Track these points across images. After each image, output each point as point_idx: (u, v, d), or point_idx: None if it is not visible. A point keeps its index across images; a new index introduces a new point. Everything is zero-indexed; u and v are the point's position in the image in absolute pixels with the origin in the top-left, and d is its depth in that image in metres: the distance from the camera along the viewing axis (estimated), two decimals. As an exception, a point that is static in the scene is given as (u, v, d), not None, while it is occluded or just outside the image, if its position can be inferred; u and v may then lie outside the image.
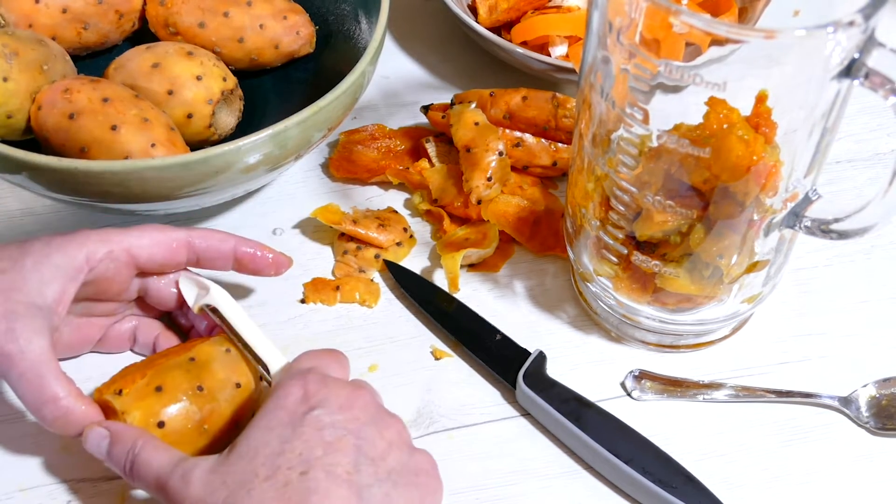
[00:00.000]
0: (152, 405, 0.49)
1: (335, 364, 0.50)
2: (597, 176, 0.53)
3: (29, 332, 0.47)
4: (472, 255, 0.63)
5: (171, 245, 0.53)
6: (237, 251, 0.56)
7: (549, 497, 0.54)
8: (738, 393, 0.57)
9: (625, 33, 0.46)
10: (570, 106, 0.65)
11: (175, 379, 0.50)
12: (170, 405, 0.49)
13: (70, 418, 0.48)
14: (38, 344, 0.47)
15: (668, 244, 0.52)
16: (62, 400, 0.47)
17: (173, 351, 0.53)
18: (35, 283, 0.49)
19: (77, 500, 0.53)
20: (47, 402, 0.47)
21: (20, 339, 0.47)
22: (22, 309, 0.48)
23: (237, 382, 0.52)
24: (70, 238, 0.51)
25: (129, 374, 0.50)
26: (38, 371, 0.47)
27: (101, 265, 0.51)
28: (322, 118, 0.58)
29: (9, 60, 0.58)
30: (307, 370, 0.48)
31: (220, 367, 0.52)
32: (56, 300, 0.49)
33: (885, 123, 0.74)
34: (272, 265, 0.57)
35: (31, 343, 0.47)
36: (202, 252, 0.55)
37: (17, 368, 0.47)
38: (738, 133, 0.47)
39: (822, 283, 0.64)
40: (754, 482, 0.54)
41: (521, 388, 0.56)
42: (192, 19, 0.65)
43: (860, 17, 0.42)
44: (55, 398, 0.47)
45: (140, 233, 0.53)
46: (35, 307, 0.48)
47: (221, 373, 0.51)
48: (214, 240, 0.55)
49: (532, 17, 0.73)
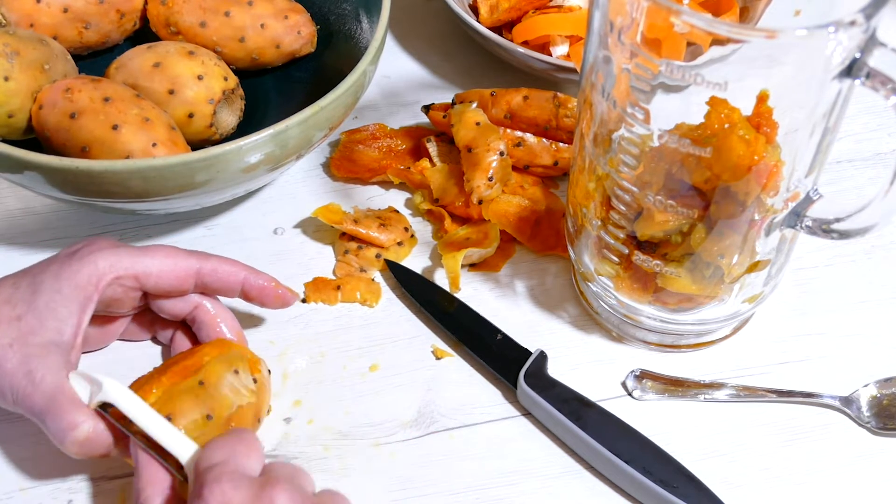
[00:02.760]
0: None
1: (243, 449, 0.46)
2: (598, 175, 0.53)
3: (44, 370, 0.49)
4: (473, 254, 0.63)
5: (179, 274, 0.54)
6: (245, 284, 0.56)
7: (549, 497, 0.54)
8: (739, 393, 0.57)
9: (626, 33, 0.46)
10: (571, 105, 0.65)
11: (185, 404, 0.49)
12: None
13: (95, 440, 0.48)
14: (51, 380, 0.48)
15: (670, 244, 0.52)
16: (83, 424, 0.48)
17: (182, 366, 0.52)
18: (51, 323, 0.50)
19: (77, 500, 0.53)
20: (68, 427, 0.48)
21: (35, 379, 0.48)
22: (37, 350, 0.49)
23: (240, 405, 0.52)
24: (79, 267, 0.51)
25: (139, 390, 0.50)
26: (54, 402, 0.48)
27: (108, 289, 0.52)
28: (323, 118, 0.58)
29: (10, 60, 0.58)
30: (218, 472, 0.44)
31: (229, 391, 0.51)
32: (72, 335, 0.51)
33: (885, 123, 0.74)
34: (279, 299, 0.57)
35: (44, 380, 0.48)
36: (210, 283, 0.55)
37: (37, 406, 0.48)
38: (739, 133, 0.47)
39: (822, 283, 0.64)
40: (755, 482, 0.54)
41: (521, 388, 0.56)
42: (193, 19, 0.65)
43: (861, 16, 0.42)
44: (74, 423, 0.48)
45: (150, 259, 0.53)
46: (52, 345, 0.50)
47: (229, 397, 0.51)
48: (224, 272, 0.55)
49: (533, 17, 0.73)
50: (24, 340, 0.49)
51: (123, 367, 0.57)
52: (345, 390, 0.58)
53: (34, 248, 0.64)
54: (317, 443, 0.55)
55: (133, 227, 0.65)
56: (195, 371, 0.51)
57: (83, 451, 0.49)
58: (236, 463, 0.45)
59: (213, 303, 0.56)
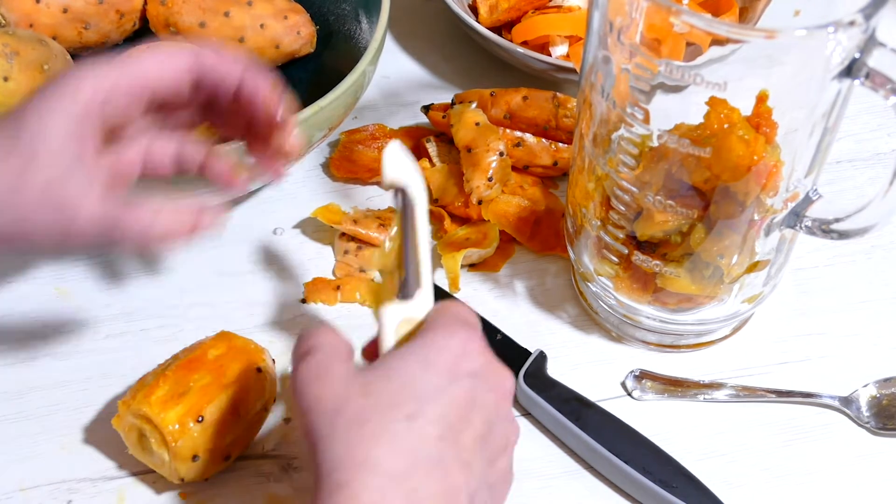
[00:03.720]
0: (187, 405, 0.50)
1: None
2: (597, 176, 0.53)
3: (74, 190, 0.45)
4: (473, 254, 0.63)
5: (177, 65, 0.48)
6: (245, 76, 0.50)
7: (549, 497, 0.54)
8: (739, 393, 0.57)
9: (625, 33, 0.46)
10: (570, 106, 0.65)
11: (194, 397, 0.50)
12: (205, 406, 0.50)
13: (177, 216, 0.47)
14: (92, 196, 0.45)
15: (669, 244, 0.52)
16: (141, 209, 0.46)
17: (187, 360, 0.52)
18: (54, 146, 0.45)
19: (77, 500, 0.53)
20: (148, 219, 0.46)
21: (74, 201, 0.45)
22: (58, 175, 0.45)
23: (258, 367, 0.53)
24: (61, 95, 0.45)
25: (145, 387, 0.51)
26: (114, 209, 0.46)
27: (106, 109, 0.47)
28: (323, 118, 0.58)
29: (9, 60, 0.58)
30: (472, 324, 0.43)
31: (245, 354, 0.52)
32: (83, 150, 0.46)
33: (885, 123, 0.74)
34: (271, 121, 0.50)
35: (85, 198, 0.45)
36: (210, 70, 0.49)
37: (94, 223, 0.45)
38: (738, 133, 0.47)
39: (822, 283, 0.64)
40: (754, 482, 0.54)
41: (521, 388, 0.56)
42: (192, 19, 0.65)
43: (861, 16, 0.42)
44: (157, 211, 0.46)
45: (138, 63, 0.48)
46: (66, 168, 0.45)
47: (241, 363, 0.52)
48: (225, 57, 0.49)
49: (533, 17, 0.73)
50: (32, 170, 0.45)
51: (131, 360, 0.57)
52: (344, 390, 0.58)
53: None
54: (316, 443, 0.55)
55: (133, 228, 0.65)
56: (202, 365, 0.51)
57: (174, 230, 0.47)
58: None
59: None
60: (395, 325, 0.44)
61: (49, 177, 0.45)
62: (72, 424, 0.55)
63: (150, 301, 0.61)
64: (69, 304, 0.61)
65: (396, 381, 0.40)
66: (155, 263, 0.63)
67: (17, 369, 0.58)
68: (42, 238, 0.46)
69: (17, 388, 0.57)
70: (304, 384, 0.40)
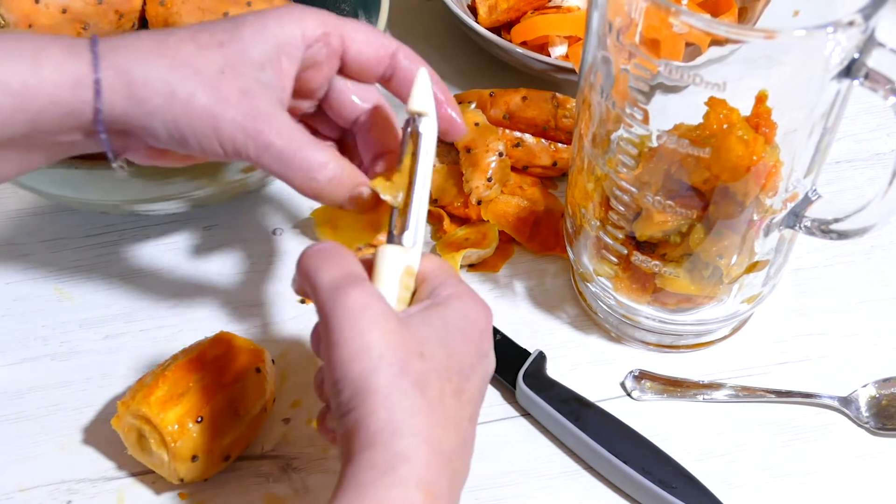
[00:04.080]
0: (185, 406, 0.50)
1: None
2: (597, 176, 0.53)
3: (269, 106, 0.45)
4: (472, 255, 0.63)
5: (382, 45, 0.49)
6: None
7: (549, 497, 0.54)
8: (738, 393, 0.58)
9: (625, 33, 0.46)
10: (569, 106, 0.65)
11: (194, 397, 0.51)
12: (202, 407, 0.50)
13: (342, 178, 0.46)
14: (283, 117, 0.45)
15: (668, 244, 0.52)
16: (330, 162, 0.45)
17: (187, 362, 0.52)
18: (258, 57, 0.45)
19: (77, 500, 0.53)
20: (316, 168, 0.45)
21: (266, 114, 0.44)
22: (254, 85, 0.45)
23: (257, 367, 0.53)
24: (286, 12, 0.46)
25: (144, 388, 0.51)
26: (296, 142, 0.45)
27: (314, 47, 0.47)
28: (322, 118, 0.58)
29: (9, 60, 0.58)
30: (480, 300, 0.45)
31: (244, 354, 0.53)
32: (281, 77, 0.46)
33: (885, 123, 0.74)
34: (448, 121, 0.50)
35: (276, 117, 0.45)
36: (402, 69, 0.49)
37: (273, 145, 0.44)
38: (737, 133, 0.47)
39: (822, 283, 0.64)
40: (754, 482, 0.54)
41: (521, 389, 0.56)
42: (191, 19, 0.65)
43: (860, 17, 0.42)
44: (323, 164, 0.45)
45: (356, 25, 0.48)
46: (265, 85, 0.45)
47: (240, 363, 0.52)
48: (416, 64, 0.49)
49: (532, 18, 0.73)
50: (235, 70, 0.44)
51: (131, 361, 0.57)
52: (344, 391, 0.58)
53: (34, 248, 0.64)
54: (316, 444, 0.55)
55: (133, 228, 0.65)
56: (201, 366, 0.51)
57: (327, 191, 0.46)
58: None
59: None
60: (399, 274, 0.44)
61: (244, 86, 0.44)
62: (71, 425, 0.55)
63: (150, 301, 0.61)
64: (69, 304, 0.61)
65: (446, 348, 0.41)
66: (154, 265, 0.63)
67: (17, 369, 0.58)
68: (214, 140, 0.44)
69: (16, 389, 0.57)
70: (355, 326, 0.40)
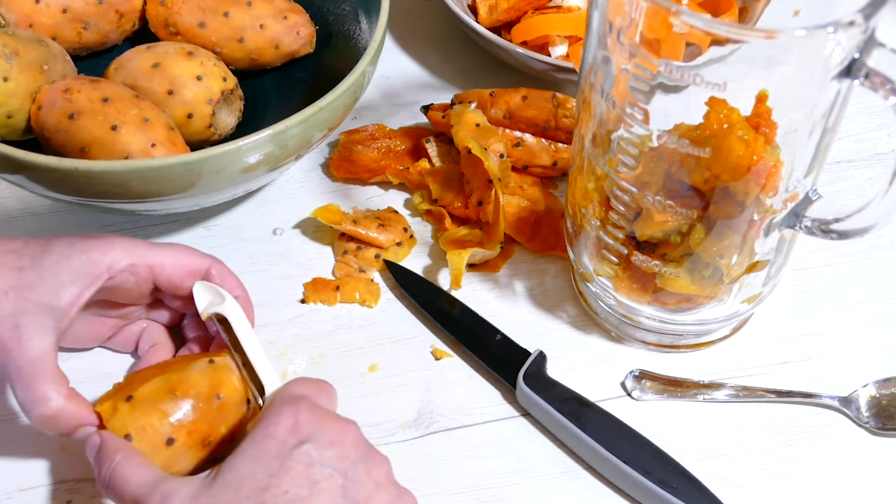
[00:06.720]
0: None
1: (324, 395, 0.49)
2: (597, 176, 0.53)
3: (32, 329, 0.47)
4: (477, 254, 0.63)
5: (191, 269, 0.53)
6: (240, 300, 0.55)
7: (549, 497, 0.54)
8: (738, 393, 0.57)
9: (625, 33, 0.46)
10: (570, 106, 0.65)
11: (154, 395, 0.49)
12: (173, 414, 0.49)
13: (60, 419, 0.47)
14: (38, 342, 0.47)
15: (669, 244, 0.52)
16: (52, 401, 0.47)
17: (147, 372, 0.51)
18: (51, 283, 0.49)
19: (77, 500, 0.53)
20: (37, 401, 0.47)
21: (22, 336, 0.47)
22: (31, 307, 0.48)
23: (218, 395, 0.50)
24: (94, 243, 0.51)
25: (106, 402, 0.49)
26: (33, 369, 0.47)
27: (120, 276, 0.51)
28: (322, 118, 0.58)
29: (9, 60, 0.58)
30: (298, 397, 0.47)
31: (201, 377, 0.50)
32: (69, 303, 0.49)
33: (885, 123, 0.74)
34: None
35: (31, 341, 0.47)
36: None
37: (14, 364, 0.47)
38: (738, 133, 0.47)
39: (822, 283, 0.64)
40: (754, 482, 0.54)
41: (521, 388, 0.56)
42: (192, 19, 0.65)
43: (860, 17, 0.42)
44: (45, 398, 0.47)
45: (166, 252, 0.53)
46: (46, 307, 0.48)
47: (203, 385, 0.50)
48: (229, 282, 0.55)
49: (532, 17, 0.73)
50: (21, 293, 0.48)
51: (131, 360, 0.57)
52: (344, 391, 0.57)
53: (33, 248, 0.64)
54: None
55: (132, 228, 0.65)
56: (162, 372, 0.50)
57: (47, 426, 0.47)
58: (316, 398, 0.48)
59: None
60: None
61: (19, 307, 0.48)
62: (71, 425, 0.55)
63: (150, 301, 0.61)
64: (69, 304, 0.61)
65: (231, 485, 0.43)
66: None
67: (16, 369, 0.58)
68: None
69: (16, 389, 0.57)
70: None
